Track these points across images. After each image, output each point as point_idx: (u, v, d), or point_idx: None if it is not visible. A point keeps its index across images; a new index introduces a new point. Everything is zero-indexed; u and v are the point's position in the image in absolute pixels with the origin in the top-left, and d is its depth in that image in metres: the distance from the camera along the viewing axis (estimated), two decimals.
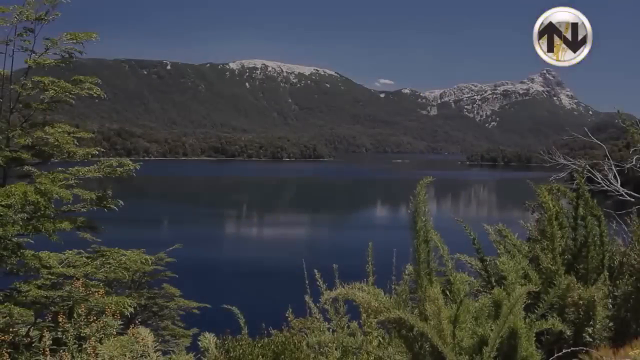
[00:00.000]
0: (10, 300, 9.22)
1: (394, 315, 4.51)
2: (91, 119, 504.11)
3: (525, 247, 6.30)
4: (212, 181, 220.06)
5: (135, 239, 42.49)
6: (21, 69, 10.84)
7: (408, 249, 5.03)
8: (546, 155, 13.70)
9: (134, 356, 6.64)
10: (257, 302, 35.12)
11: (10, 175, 10.59)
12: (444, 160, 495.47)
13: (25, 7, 9.96)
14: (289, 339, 5.91)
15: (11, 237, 9.59)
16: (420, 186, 4.78)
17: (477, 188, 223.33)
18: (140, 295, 17.65)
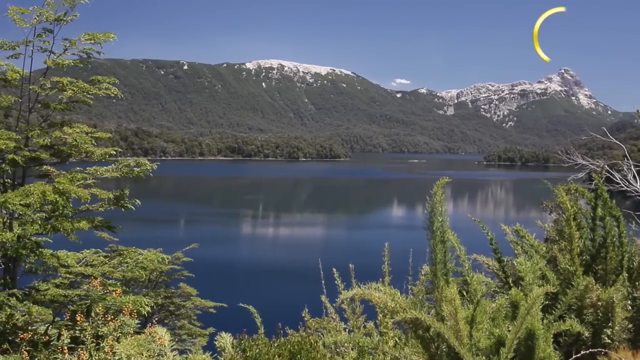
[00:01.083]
0: (29, 299, 9.28)
1: (410, 316, 4.49)
2: (109, 119, 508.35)
3: (543, 248, 6.26)
4: (228, 181, 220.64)
5: (152, 238, 42.80)
6: (40, 69, 10.91)
7: (424, 249, 5.00)
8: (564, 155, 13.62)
9: (151, 355, 6.66)
10: (274, 302, 35.19)
11: (29, 175, 10.65)
12: (460, 160, 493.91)
13: (44, 8, 10.02)
14: (305, 338, 5.91)
15: (30, 236, 9.66)
16: (437, 186, 4.76)
17: (494, 188, 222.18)
18: (157, 294, 17.73)
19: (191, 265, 19.25)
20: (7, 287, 9.60)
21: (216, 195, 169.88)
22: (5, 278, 9.93)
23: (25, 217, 9.84)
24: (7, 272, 10.02)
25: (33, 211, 9.79)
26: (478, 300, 4.75)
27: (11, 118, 11.38)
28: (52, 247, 10.51)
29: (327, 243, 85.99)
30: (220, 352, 6.20)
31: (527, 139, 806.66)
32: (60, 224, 9.80)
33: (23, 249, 9.31)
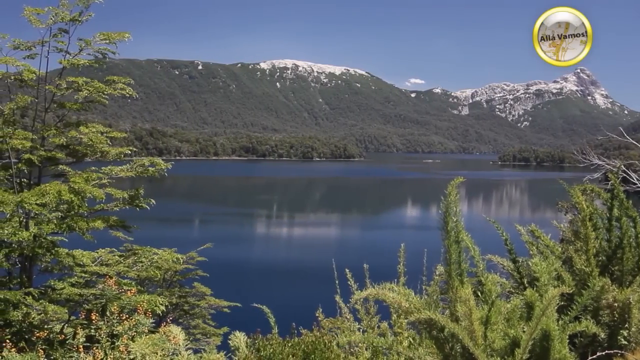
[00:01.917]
0: (45, 298, 9.34)
1: (424, 316, 4.48)
2: (124, 119, 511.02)
3: (559, 249, 6.22)
4: (242, 181, 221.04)
5: (166, 237, 42.96)
6: (56, 70, 10.97)
7: (439, 250, 4.99)
8: (580, 155, 13.56)
9: (165, 354, 6.68)
10: (287, 302, 35.24)
11: (45, 175, 10.72)
12: (475, 160, 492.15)
13: (60, 8, 10.08)
14: (319, 338, 5.90)
15: (46, 236, 9.71)
16: (451, 186, 4.75)
17: (509, 188, 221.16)
18: (171, 293, 17.79)
19: (205, 265, 19.30)
20: (23, 286, 9.66)
21: (230, 195, 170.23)
22: (21, 277, 10.00)
23: (41, 216, 9.90)
24: (23, 271, 10.08)
25: (49, 210, 9.84)
26: (493, 300, 4.73)
27: (27, 118, 11.45)
28: (67, 246, 10.56)
29: (341, 243, 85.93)
30: (234, 351, 6.21)
31: (543, 139, 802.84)
32: (76, 223, 9.85)
33: (39, 248, 9.37)
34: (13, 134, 9.95)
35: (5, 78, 10.47)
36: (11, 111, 10.16)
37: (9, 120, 10.14)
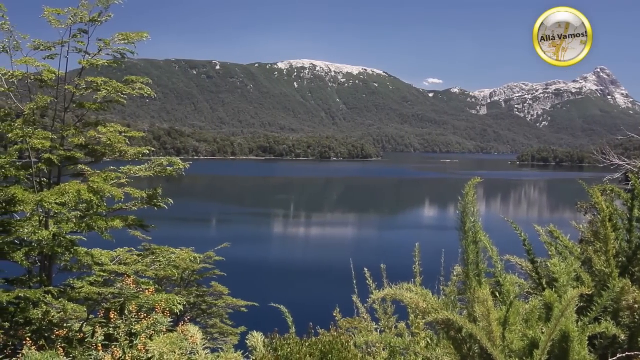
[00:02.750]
0: (64, 297, 9.41)
1: (442, 317, 4.46)
2: (142, 119, 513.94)
3: (578, 249, 6.16)
4: (260, 181, 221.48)
5: (184, 237, 43.14)
6: (75, 70, 11.05)
7: (457, 250, 4.97)
8: (600, 155, 13.45)
9: (183, 353, 6.71)
10: (305, 302, 35.24)
11: (65, 174, 10.79)
12: (493, 160, 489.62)
13: (79, 9, 10.14)
14: (336, 338, 5.90)
15: (65, 235, 9.78)
16: (469, 186, 4.72)
17: (527, 188, 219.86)
18: (189, 293, 17.87)
19: (223, 265, 19.36)
20: (43, 285, 9.74)
21: (248, 195, 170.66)
22: (41, 276, 10.08)
23: (60, 215, 9.97)
24: (43, 270, 10.16)
25: (68, 210, 9.91)
26: (511, 301, 4.70)
27: (47, 118, 11.53)
28: (86, 245, 10.63)
29: (359, 243, 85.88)
30: (251, 351, 6.22)
31: (562, 139, 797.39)
32: (95, 222, 9.92)
33: (59, 247, 9.44)
34: (33, 133, 10.03)
35: (26, 78, 10.55)
36: (31, 111, 10.24)
37: (29, 120, 10.21)
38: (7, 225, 9.94)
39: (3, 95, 10.78)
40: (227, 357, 7.31)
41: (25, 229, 9.59)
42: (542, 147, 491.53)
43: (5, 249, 9.47)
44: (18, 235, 9.64)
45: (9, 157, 10.40)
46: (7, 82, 10.47)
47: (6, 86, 10.45)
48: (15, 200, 9.27)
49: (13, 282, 10.13)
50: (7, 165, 10.19)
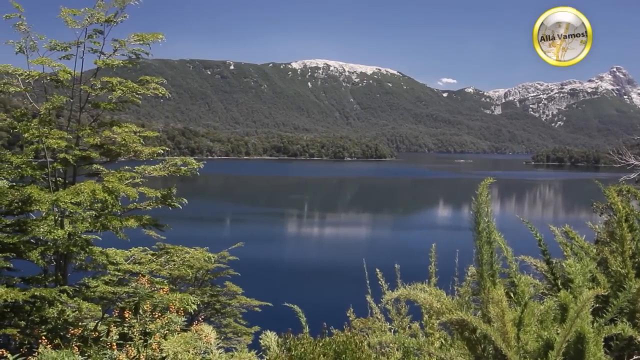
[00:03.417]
0: (79, 296, 9.44)
1: (456, 317, 4.45)
2: (156, 119, 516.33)
3: (594, 250, 6.13)
4: (273, 180, 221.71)
5: (198, 237, 43.27)
6: (90, 70, 11.09)
7: (471, 250, 4.95)
8: (616, 155, 13.35)
9: (197, 352, 6.73)
10: (318, 301, 35.26)
11: (80, 174, 10.84)
12: (508, 160, 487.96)
13: (95, 9, 10.19)
14: (350, 338, 5.89)
15: (80, 234, 9.83)
16: (483, 186, 4.71)
17: (542, 189, 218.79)
18: (203, 292, 17.93)
19: (237, 264, 19.40)
20: (58, 284, 9.79)
21: (262, 195, 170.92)
22: (56, 275, 10.14)
23: (75, 215, 10.01)
24: (58, 269, 10.22)
25: (83, 209, 9.95)
26: (526, 302, 4.68)
27: (63, 118, 11.59)
28: (101, 244, 10.68)
29: (372, 243, 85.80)
30: (265, 350, 6.23)
31: (577, 139, 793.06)
32: (110, 222, 9.96)
33: (74, 246, 9.49)
34: (49, 133, 10.08)
35: (42, 78, 10.61)
36: (47, 111, 10.30)
37: (45, 120, 10.27)
38: (23, 225, 10.00)
39: (19, 96, 10.85)
40: (240, 357, 7.32)
41: (41, 228, 9.65)
42: (557, 147, 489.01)
43: (22, 247, 9.53)
44: (34, 234, 9.70)
45: (25, 157, 10.48)
46: (23, 82, 10.54)
47: (23, 86, 10.51)
48: (31, 200, 9.32)
49: (29, 281, 10.18)
50: (23, 164, 10.26)
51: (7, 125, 10.75)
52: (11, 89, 10.56)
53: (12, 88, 10.54)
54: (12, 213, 10.27)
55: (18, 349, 7.65)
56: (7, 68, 10.42)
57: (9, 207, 10.06)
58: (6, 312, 9.56)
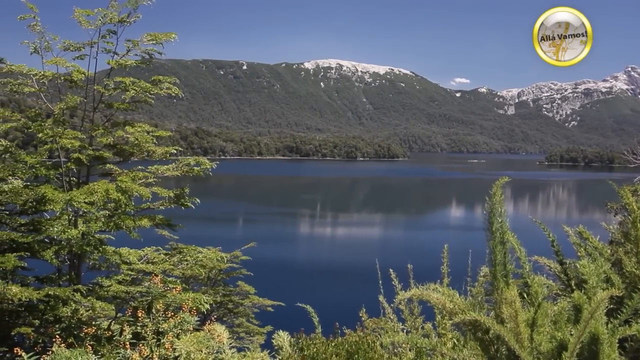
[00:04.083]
0: (92, 295, 9.47)
1: (469, 318, 4.43)
2: (169, 119, 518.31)
3: (608, 250, 6.09)
4: (286, 180, 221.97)
5: (211, 236, 43.35)
6: (104, 70, 11.14)
7: (484, 250, 4.93)
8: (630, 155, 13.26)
9: (210, 352, 6.74)
10: (331, 301, 35.27)
11: (93, 174, 10.88)
12: (521, 161, 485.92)
13: (108, 10, 10.22)
14: (362, 338, 5.89)
15: (94, 234, 9.86)
16: (496, 186, 4.69)
17: (556, 189, 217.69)
18: (216, 292, 17.94)
19: (249, 264, 19.41)
20: (72, 283, 9.83)
21: (274, 195, 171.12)
22: (70, 274, 10.18)
23: (89, 214, 10.05)
24: (72, 268, 10.27)
25: (97, 209, 9.99)
26: (539, 302, 4.65)
27: (76, 118, 11.66)
28: (114, 244, 10.72)
29: (385, 243, 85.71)
30: (277, 350, 6.23)
31: (591, 139, 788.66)
32: (123, 221, 9.99)
33: (87, 245, 9.53)
34: (63, 133, 10.13)
35: (56, 79, 10.66)
36: (61, 111, 10.35)
37: (59, 120, 10.33)
38: (37, 224, 10.06)
39: (33, 96, 10.91)
40: (253, 357, 7.34)
41: (55, 228, 9.69)
42: (571, 147, 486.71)
43: (36, 247, 9.58)
44: (48, 233, 9.74)
45: (39, 157, 10.53)
46: (37, 82, 10.59)
47: (37, 87, 10.57)
48: (45, 199, 9.36)
49: (43, 280, 10.23)
50: (37, 164, 10.31)
51: (21, 125, 10.81)
52: (26, 90, 10.63)
53: (26, 88, 10.61)
54: (26, 212, 10.34)
55: (32, 348, 7.68)
56: (22, 68, 10.49)
57: (24, 207, 10.12)
58: (21, 311, 9.61)
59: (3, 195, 9.85)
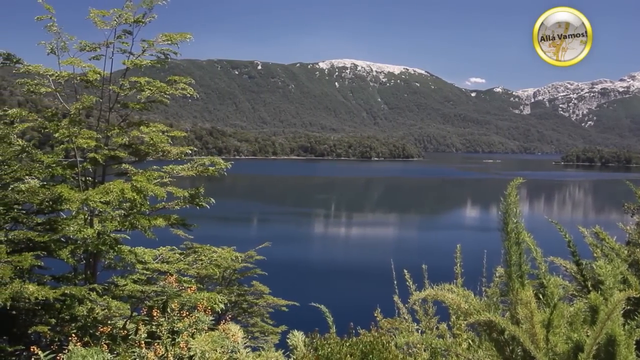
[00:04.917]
0: (108, 294, 9.52)
1: (484, 318, 4.41)
2: (184, 119, 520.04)
3: (625, 251, 6.05)
4: (301, 180, 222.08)
5: (225, 236, 43.47)
6: (119, 70, 11.19)
7: (499, 251, 4.90)
8: None
9: (224, 351, 6.75)
10: (345, 301, 35.25)
11: (109, 173, 10.93)
12: (537, 161, 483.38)
13: (124, 10, 10.26)
14: (377, 338, 5.87)
15: (109, 233, 9.91)
16: (512, 187, 4.66)
17: (572, 189, 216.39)
18: (230, 292, 17.97)
19: (264, 264, 19.42)
20: (88, 282, 9.89)
21: (289, 195, 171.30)
22: (86, 273, 10.25)
23: (105, 214, 10.10)
24: (88, 268, 10.33)
25: (112, 208, 10.04)
26: (555, 303, 4.62)
27: (92, 118, 11.73)
28: (129, 243, 10.76)
29: (400, 243, 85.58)
30: (292, 350, 6.23)
31: (608, 139, 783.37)
32: (138, 221, 10.04)
33: (103, 245, 9.57)
34: (79, 133, 10.20)
35: (72, 79, 10.72)
36: (77, 111, 10.40)
37: (75, 119, 10.38)
38: (54, 223, 10.12)
39: (50, 96, 10.98)
40: (267, 356, 7.34)
41: (71, 227, 9.76)
42: (588, 147, 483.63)
43: (52, 246, 9.63)
44: (64, 233, 9.81)
45: (55, 156, 10.59)
46: (54, 82, 10.66)
47: (53, 87, 10.64)
48: (61, 199, 9.41)
49: (59, 279, 10.30)
50: (53, 164, 10.38)
51: (38, 125, 10.88)
52: (42, 90, 10.70)
53: (43, 89, 10.68)
54: (42, 212, 10.41)
55: (49, 346, 7.73)
56: (39, 69, 10.56)
57: (40, 206, 10.19)
58: (37, 309, 9.68)
59: (20, 195, 9.93)
